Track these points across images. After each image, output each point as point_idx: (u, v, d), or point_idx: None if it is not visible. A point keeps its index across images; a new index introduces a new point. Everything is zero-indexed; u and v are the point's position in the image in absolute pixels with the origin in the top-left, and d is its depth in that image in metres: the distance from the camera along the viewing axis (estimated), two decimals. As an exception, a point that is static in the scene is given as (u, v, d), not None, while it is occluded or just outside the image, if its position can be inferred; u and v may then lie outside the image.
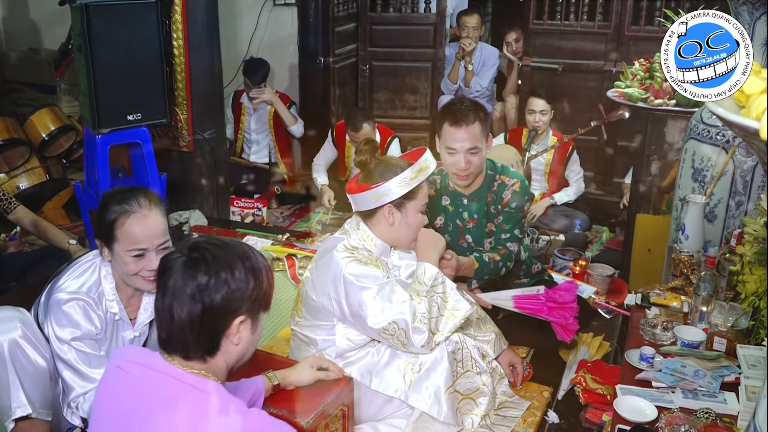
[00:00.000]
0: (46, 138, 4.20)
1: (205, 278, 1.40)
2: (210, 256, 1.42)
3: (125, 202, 1.97)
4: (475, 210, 2.74)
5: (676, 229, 2.89)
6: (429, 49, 5.18)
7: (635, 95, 3.28)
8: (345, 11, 5.09)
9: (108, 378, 1.48)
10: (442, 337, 2.15)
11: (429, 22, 5.15)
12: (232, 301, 1.42)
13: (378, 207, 2.20)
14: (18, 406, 1.93)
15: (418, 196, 2.23)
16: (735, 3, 2.59)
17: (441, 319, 2.16)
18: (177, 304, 1.40)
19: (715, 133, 2.73)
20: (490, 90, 5.25)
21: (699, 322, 2.38)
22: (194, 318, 1.39)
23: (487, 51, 5.19)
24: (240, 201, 4.45)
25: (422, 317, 2.11)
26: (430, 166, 2.22)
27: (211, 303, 1.40)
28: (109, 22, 3.36)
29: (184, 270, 1.40)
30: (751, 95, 1.22)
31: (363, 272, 2.14)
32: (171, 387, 1.39)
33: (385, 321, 2.10)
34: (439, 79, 5.18)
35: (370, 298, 2.11)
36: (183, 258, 1.42)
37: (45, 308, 2.02)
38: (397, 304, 2.10)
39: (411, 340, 2.10)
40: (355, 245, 2.22)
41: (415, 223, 2.25)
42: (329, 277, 2.16)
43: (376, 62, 5.25)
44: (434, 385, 2.14)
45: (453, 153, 2.58)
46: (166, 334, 1.44)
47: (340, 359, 2.22)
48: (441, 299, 2.18)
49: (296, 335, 2.35)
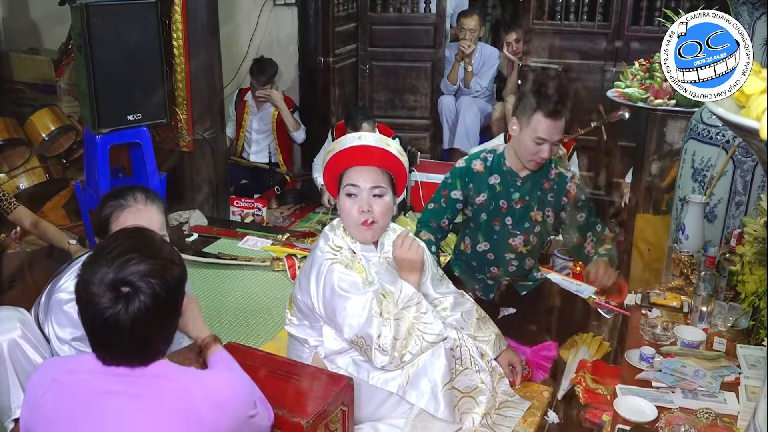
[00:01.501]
0: (46, 138, 4.20)
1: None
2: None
3: (121, 197, 1.99)
4: (526, 192, 2.78)
5: (676, 229, 2.89)
6: (429, 49, 5.18)
7: (635, 95, 3.28)
8: (345, 11, 5.09)
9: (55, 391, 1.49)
10: (409, 357, 2.12)
11: (429, 22, 5.14)
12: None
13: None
14: (18, 406, 1.93)
15: (343, 181, 2.21)
16: (735, 3, 2.59)
17: (410, 339, 2.12)
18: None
19: (715, 133, 2.72)
20: (490, 90, 5.25)
21: (699, 322, 2.38)
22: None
23: (487, 51, 5.19)
24: (240, 201, 4.45)
25: (385, 338, 2.08)
26: (339, 145, 2.20)
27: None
28: (109, 22, 3.37)
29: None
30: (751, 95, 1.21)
31: (344, 278, 2.12)
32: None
33: (354, 334, 2.10)
34: (439, 79, 5.18)
35: (345, 307, 2.10)
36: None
37: (45, 308, 2.02)
38: (368, 318, 2.08)
39: (373, 359, 2.10)
40: (340, 244, 2.21)
41: (344, 211, 2.20)
42: (312, 277, 2.16)
43: (376, 62, 5.24)
44: (431, 381, 2.13)
45: (541, 143, 2.63)
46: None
47: (331, 358, 2.22)
48: (413, 320, 2.15)
49: (290, 334, 2.35)
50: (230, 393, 1.54)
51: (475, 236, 2.87)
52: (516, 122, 2.71)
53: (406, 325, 2.13)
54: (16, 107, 4.76)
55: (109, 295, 1.41)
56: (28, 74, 4.86)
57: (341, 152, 2.19)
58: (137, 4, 3.45)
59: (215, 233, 4.06)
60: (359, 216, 2.18)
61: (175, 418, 1.45)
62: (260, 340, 2.98)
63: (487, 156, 2.82)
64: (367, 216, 2.18)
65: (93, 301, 1.41)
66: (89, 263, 1.47)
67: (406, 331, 2.12)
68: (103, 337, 1.45)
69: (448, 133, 5.12)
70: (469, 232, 2.90)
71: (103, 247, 1.50)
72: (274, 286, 3.52)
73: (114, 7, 3.38)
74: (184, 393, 1.47)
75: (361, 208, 2.17)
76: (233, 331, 3.05)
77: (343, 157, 2.20)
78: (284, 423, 1.81)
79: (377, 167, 2.20)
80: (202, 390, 1.49)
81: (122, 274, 1.42)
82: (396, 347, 2.09)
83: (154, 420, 1.45)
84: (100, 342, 1.47)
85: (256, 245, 3.93)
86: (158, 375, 1.48)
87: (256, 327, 3.12)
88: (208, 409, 1.48)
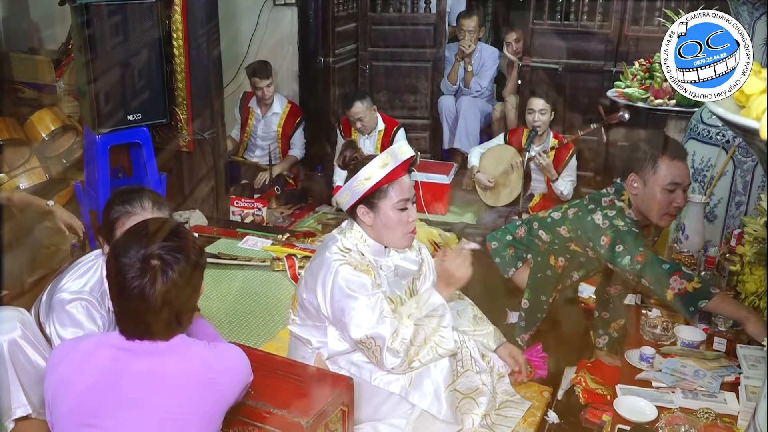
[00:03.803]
0: (46, 138, 4.20)
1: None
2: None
3: (128, 202, 1.99)
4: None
5: (676, 229, 2.89)
6: (429, 49, 5.18)
7: (635, 95, 3.29)
8: (345, 11, 5.08)
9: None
10: (418, 364, 2.12)
11: (429, 22, 5.14)
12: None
13: (353, 208, 2.20)
14: (18, 406, 1.93)
15: (390, 194, 2.15)
16: (735, 3, 2.59)
17: (424, 348, 2.12)
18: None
19: (715, 133, 2.73)
20: (490, 90, 5.25)
21: (699, 322, 2.38)
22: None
23: (486, 51, 5.19)
24: (240, 201, 4.45)
25: (402, 341, 2.07)
26: (393, 160, 2.12)
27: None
28: (109, 22, 3.36)
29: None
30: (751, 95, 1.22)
31: (353, 279, 2.11)
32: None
33: (363, 334, 2.08)
34: (439, 79, 5.18)
35: (354, 307, 2.08)
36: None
37: (47, 308, 2.02)
38: (379, 319, 2.07)
39: (383, 360, 2.08)
40: (349, 247, 2.20)
41: (390, 222, 2.16)
42: (320, 277, 2.15)
43: (376, 62, 5.24)
44: (434, 383, 2.13)
45: (674, 189, 2.35)
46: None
47: (334, 359, 2.22)
48: (432, 329, 2.14)
49: (293, 334, 2.34)
50: (241, 365, 1.69)
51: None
52: (636, 179, 2.41)
53: (425, 334, 2.12)
54: (16, 107, 4.75)
55: (138, 266, 1.51)
56: (28, 74, 4.85)
57: (396, 168, 2.13)
58: (137, 4, 3.45)
59: (215, 233, 4.06)
60: (409, 225, 2.20)
61: (194, 379, 1.58)
62: (260, 340, 2.98)
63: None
64: (414, 224, 2.21)
65: (122, 271, 1.51)
66: (120, 241, 1.60)
67: (423, 339, 2.11)
68: (130, 308, 1.54)
69: (448, 133, 5.12)
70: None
71: (133, 228, 1.64)
72: (274, 286, 3.52)
73: (114, 7, 3.38)
74: (201, 359, 1.60)
75: (411, 217, 2.20)
76: (233, 331, 3.05)
77: (393, 173, 2.14)
78: (284, 423, 1.81)
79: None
80: (218, 359, 1.63)
81: (151, 248, 1.53)
82: (409, 352, 2.08)
83: (175, 381, 1.56)
84: (126, 314, 1.56)
85: (256, 245, 3.93)
86: (178, 345, 1.59)
87: (256, 327, 3.12)
88: (222, 375, 1.62)
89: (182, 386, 1.57)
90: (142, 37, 3.48)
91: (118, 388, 1.54)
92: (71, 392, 1.55)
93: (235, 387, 1.67)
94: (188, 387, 1.57)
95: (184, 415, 1.56)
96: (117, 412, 1.53)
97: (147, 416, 1.53)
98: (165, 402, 1.55)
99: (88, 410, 1.53)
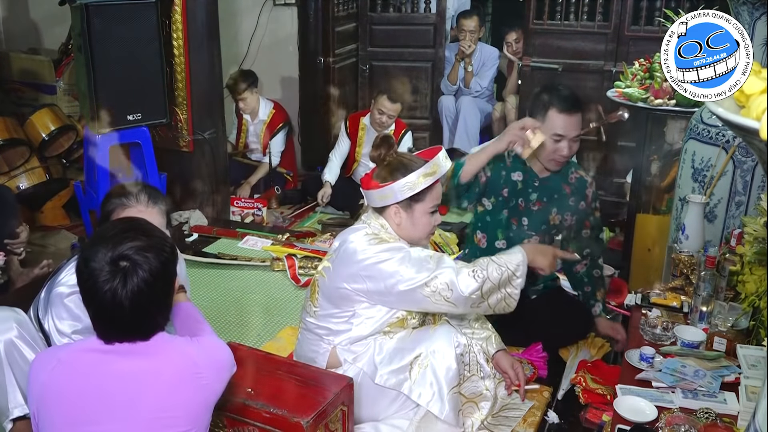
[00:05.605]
0: (46, 138, 4.20)
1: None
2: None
3: (125, 195, 2.01)
4: (544, 194, 2.71)
5: (676, 229, 2.89)
6: (429, 49, 5.18)
7: (635, 95, 3.28)
8: (345, 11, 5.08)
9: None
10: (486, 306, 2.14)
11: (429, 22, 5.14)
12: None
13: (385, 206, 2.22)
14: (15, 406, 1.94)
15: (426, 198, 2.21)
16: (735, 3, 2.58)
17: (496, 292, 2.13)
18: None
19: (715, 133, 2.72)
20: (490, 90, 5.25)
21: (699, 322, 2.37)
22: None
23: (486, 51, 5.19)
24: (240, 201, 4.45)
25: (474, 270, 2.10)
26: (438, 170, 2.19)
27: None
28: (109, 22, 3.37)
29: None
30: (751, 95, 1.21)
31: (387, 247, 2.16)
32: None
33: (421, 281, 2.09)
34: (439, 79, 5.18)
35: (399, 265, 2.11)
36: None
37: (45, 303, 2.03)
38: (433, 256, 2.14)
39: (457, 290, 2.07)
40: (376, 232, 2.23)
41: (422, 225, 2.24)
42: (356, 262, 2.16)
43: (376, 62, 5.24)
44: (438, 383, 2.13)
45: (559, 140, 2.57)
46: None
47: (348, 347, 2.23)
48: (507, 278, 2.13)
49: (308, 328, 2.32)
50: (225, 357, 1.70)
51: (493, 232, 2.77)
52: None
53: (499, 276, 2.12)
54: (16, 107, 4.76)
55: (107, 269, 1.50)
56: (28, 74, 4.86)
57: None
58: (137, 4, 3.45)
59: (215, 233, 4.06)
60: (434, 228, 2.30)
61: (179, 377, 1.58)
62: (260, 340, 2.98)
63: (512, 152, 2.72)
64: (436, 226, 2.33)
65: (93, 276, 1.50)
66: (89, 244, 1.57)
67: (497, 280, 2.11)
68: (104, 312, 1.53)
69: (448, 133, 5.12)
70: (482, 226, 2.79)
71: (100, 230, 1.63)
72: (274, 286, 3.52)
73: (114, 7, 3.38)
74: (185, 356, 1.61)
75: (438, 221, 2.29)
76: (233, 331, 3.05)
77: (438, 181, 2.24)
78: (284, 423, 1.81)
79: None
80: (202, 353, 1.64)
81: (119, 249, 1.51)
82: (484, 285, 2.09)
83: (160, 380, 1.56)
84: (101, 318, 1.55)
85: (256, 245, 3.93)
86: (159, 343, 1.59)
87: (256, 327, 3.12)
88: (207, 370, 1.62)
89: (169, 384, 1.57)
90: (142, 37, 3.48)
91: (106, 393, 1.53)
92: (59, 403, 1.54)
93: (222, 379, 1.68)
94: (175, 384, 1.57)
95: (174, 411, 1.56)
96: (107, 417, 1.52)
97: (137, 417, 1.53)
98: (154, 401, 1.54)
99: (78, 418, 1.52)
